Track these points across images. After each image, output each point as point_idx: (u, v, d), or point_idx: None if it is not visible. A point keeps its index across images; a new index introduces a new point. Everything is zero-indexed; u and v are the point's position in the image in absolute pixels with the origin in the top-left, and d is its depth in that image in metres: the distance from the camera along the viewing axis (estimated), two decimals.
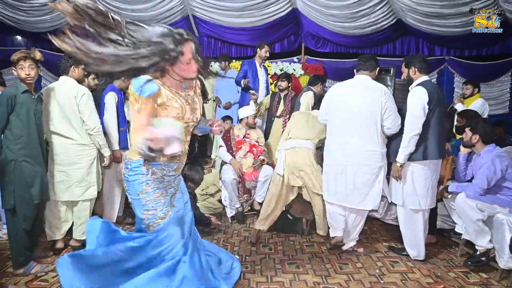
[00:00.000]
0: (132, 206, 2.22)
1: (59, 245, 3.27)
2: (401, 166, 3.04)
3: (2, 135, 2.74)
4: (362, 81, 3.22)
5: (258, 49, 5.27)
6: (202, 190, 4.44)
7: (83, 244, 3.29)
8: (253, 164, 4.23)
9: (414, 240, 3.15)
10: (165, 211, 2.15)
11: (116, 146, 3.62)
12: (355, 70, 3.32)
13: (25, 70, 2.75)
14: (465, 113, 4.28)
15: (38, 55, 2.82)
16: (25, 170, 2.75)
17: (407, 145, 2.96)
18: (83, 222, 3.25)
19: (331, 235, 3.35)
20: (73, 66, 3.22)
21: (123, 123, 3.75)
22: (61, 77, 3.24)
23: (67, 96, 3.12)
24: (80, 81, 3.31)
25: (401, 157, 3.01)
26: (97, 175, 3.32)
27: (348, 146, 3.11)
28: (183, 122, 2.12)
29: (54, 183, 3.13)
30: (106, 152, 3.39)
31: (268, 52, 5.26)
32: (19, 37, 7.75)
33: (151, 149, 1.71)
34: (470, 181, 3.27)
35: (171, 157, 1.99)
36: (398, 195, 3.17)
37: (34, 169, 2.80)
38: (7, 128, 2.73)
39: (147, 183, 2.10)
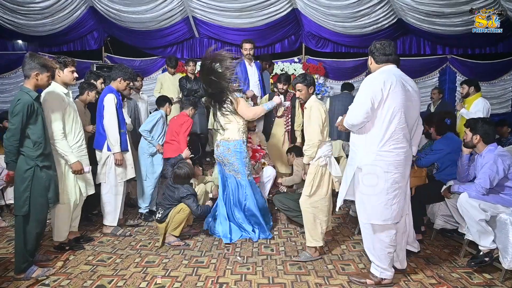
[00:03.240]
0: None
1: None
2: None
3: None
4: (400, 73, 2.72)
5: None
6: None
7: (57, 247, 3.34)
8: (253, 168, 4.21)
9: (414, 235, 3.13)
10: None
11: (117, 149, 3.60)
12: (376, 62, 2.74)
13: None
14: (430, 119, 4.09)
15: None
16: (44, 175, 2.77)
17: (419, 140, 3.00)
18: (53, 224, 3.31)
19: (379, 277, 2.76)
20: (57, 70, 3.17)
21: (123, 125, 3.73)
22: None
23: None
24: (67, 83, 3.25)
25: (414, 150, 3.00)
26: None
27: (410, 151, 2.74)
28: None
29: None
30: (69, 160, 3.14)
31: (249, 50, 5.01)
32: (20, 41, 7.77)
33: None
34: (472, 181, 3.25)
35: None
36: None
37: (50, 173, 2.83)
38: (25, 136, 2.71)
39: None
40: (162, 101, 4.59)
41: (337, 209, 3.03)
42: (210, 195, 4.31)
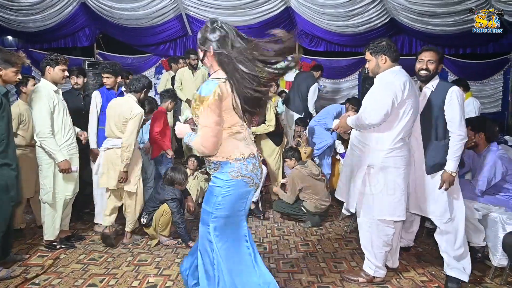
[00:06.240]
0: None
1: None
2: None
3: None
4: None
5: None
6: None
7: (48, 245, 3.29)
8: None
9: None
10: None
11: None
12: (392, 60, 2.65)
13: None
14: None
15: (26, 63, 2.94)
16: (5, 174, 2.65)
17: (460, 152, 2.62)
18: (43, 222, 3.27)
19: (373, 275, 2.76)
20: (48, 66, 3.13)
21: None
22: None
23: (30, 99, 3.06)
24: (57, 81, 3.18)
25: (455, 166, 2.61)
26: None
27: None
28: None
29: None
30: (57, 159, 3.08)
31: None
32: (10, 38, 7.66)
33: None
34: (462, 176, 3.27)
35: None
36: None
37: (12, 172, 2.70)
38: None
39: None
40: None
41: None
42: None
